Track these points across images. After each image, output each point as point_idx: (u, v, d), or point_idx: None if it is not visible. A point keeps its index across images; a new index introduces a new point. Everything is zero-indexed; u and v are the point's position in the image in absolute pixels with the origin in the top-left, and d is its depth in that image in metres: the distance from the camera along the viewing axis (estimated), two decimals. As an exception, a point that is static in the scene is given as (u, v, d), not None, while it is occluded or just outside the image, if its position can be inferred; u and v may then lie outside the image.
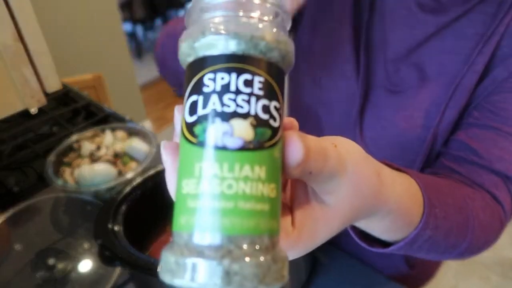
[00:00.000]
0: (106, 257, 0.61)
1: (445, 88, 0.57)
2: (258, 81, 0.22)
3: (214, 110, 0.21)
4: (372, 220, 0.34)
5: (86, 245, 0.79)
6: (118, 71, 2.45)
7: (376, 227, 0.38)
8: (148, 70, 3.82)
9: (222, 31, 0.22)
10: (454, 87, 0.56)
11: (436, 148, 0.60)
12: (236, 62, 0.21)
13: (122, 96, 2.44)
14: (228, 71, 0.21)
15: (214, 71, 0.22)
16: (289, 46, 0.24)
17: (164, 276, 0.22)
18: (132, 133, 0.99)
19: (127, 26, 4.06)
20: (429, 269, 0.83)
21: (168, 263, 0.22)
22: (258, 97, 0.21)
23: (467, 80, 0.56)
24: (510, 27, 0.53)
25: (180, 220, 0.22)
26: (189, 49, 0.23)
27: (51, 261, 0.75)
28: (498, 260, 1.91)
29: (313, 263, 0.71)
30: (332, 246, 0.77)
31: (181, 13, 4.51)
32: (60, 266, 0.75)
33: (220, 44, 0.22)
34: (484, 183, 0.52)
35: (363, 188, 0.29)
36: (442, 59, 0.58)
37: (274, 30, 0.23)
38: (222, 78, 0.21)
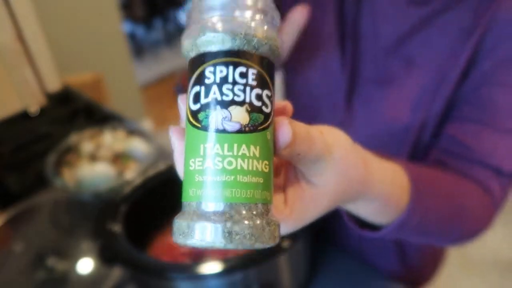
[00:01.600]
0: (106, 257, 0.61)
1: (432, 80, 0.58)
2: (251, 73, 0.25)
3: (215, 99, 0.25)
4: (359, 203, 0.37)
5: (86, 245, 0.79)
6: (118, 71, 2.45)
7: (363, 211, 0.41)
8: (148, 70, 3.82)
9: (220, 30, 0.25)
10: (440, 78, 0.57)
11: (423, 140, 0.61)
12: (232, 57, 0.25)
13: (122, 96, 2.44)
14: (226, 64, 0.25)
15: (214, 65, 0.25)
16: (278, 41, 0.27)
17: (178, 238, 0.26)
18: (132, 133, 0.99)
19: (127, 26, 4.06)
20: (426, 271, 0.83)
21: (180, 228, 0.25)
22: (252, 87, 0.25)
23: (453, 72, 0.57)
24: (493, 19, 0.54)
25: (189, 192, 0.26)
26: (191, 45, 0.26)
27: (51, 261, 0.75)
28: (498, 260, 1.91)
29: (313, 263, 0.71)
30: (332, 246, 0.77)
31: (180, 13, 4.51)
32: (60, 266, 0.75)
33: (218, 41, 0.25)
34: (475, 175, 0.53)
35: (349, 174, 0.32)
36: (429, 52, 0.59)
37: (265, 27, 0.26)
38: (221, 71, 0.25)
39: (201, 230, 0.24)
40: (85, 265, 0.76)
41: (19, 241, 0.80)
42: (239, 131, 0.25)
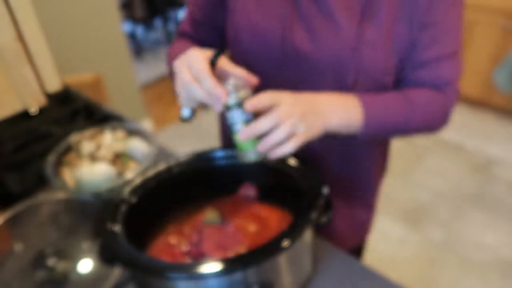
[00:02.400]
0: (106, 257, 0.61)
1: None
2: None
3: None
4: (329, 117, 0.62)
5: (86, 245, 0.79)
6: (118, 71, 2.45)
7: (338, 119, 0.63)
8: (148, 70, 3.82)
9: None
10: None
11: (365, 63, 0.68)
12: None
13: (122, 96, 2.44)
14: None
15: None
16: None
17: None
18: (132, 133, 0.99)
19: (127, 26, 4.06)
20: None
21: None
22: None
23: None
24: None
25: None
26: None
27: (51, 261, 0.75)
28: (498, 260, 1.91)
29: (313, 263, 0.71)
30: (332, 247, 0.77)
31: (180, 13, 4.51)
32: (60, 266, 0.75)
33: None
34: (427, 84, 0.72)
35: (299, 96, 0.60)
36: None
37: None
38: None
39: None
40: (85, 265, 0.76)
41: (19, 241, 0.80)
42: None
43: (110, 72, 2.31)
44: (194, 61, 0.58)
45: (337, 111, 0.63)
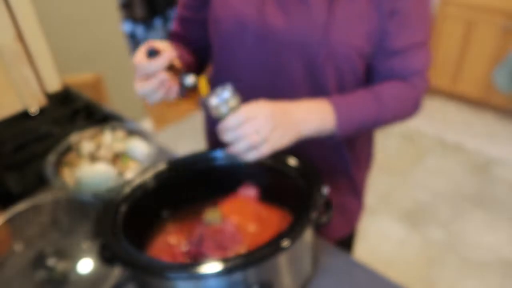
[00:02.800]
0: (106, 257, 0.61)
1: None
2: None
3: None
4: (303, 125, 0.66)
5: (86, 245, 0.79)
6: (118, 71, 2.44)
7: (309, 135, 0.68)
8: (148, 70, 3.81)
9: None
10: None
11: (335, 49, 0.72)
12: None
13: (122, 96, 2.44)
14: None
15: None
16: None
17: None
18: (132, 133, 0.99)
19: (127, 26, 4.06)
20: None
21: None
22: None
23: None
24: None
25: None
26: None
27: (51, 261, 0.75)
28: (498, 260, 1.91)
29: (313, 263, 0.71)
30: (332, 246, 0.77)
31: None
32: (60, 266, 0.75)
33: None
34: (396, 73, 0.75)
35: (266, 103, 0.63)
36: None
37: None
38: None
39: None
40: (85, 265, 0.76)
41: (19, 241, 0.80)
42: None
43: (110, 72, 2.31)
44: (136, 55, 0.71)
45: (311, 119, 0.67)
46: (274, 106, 0.63)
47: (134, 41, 4.04)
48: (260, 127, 0.61)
